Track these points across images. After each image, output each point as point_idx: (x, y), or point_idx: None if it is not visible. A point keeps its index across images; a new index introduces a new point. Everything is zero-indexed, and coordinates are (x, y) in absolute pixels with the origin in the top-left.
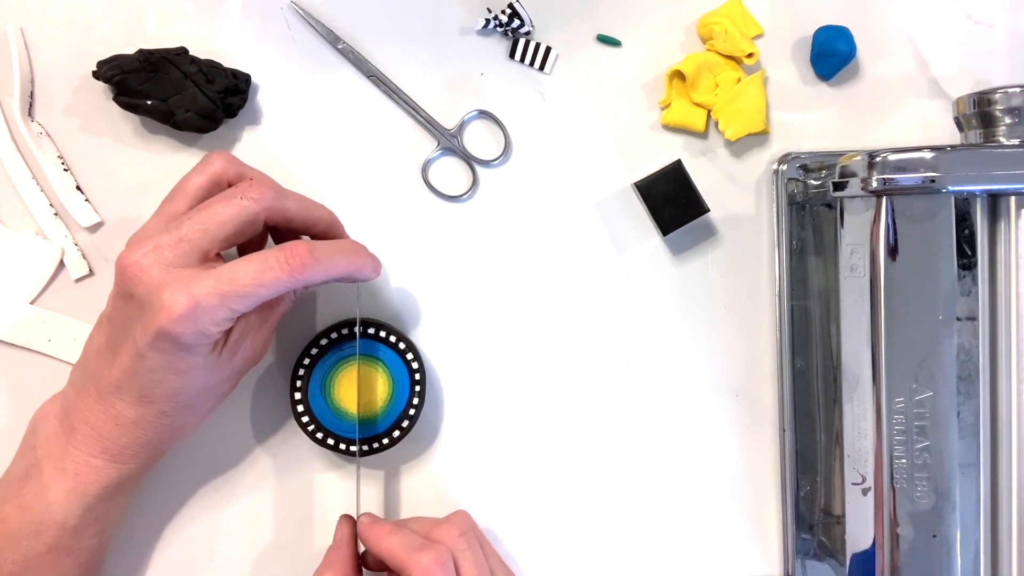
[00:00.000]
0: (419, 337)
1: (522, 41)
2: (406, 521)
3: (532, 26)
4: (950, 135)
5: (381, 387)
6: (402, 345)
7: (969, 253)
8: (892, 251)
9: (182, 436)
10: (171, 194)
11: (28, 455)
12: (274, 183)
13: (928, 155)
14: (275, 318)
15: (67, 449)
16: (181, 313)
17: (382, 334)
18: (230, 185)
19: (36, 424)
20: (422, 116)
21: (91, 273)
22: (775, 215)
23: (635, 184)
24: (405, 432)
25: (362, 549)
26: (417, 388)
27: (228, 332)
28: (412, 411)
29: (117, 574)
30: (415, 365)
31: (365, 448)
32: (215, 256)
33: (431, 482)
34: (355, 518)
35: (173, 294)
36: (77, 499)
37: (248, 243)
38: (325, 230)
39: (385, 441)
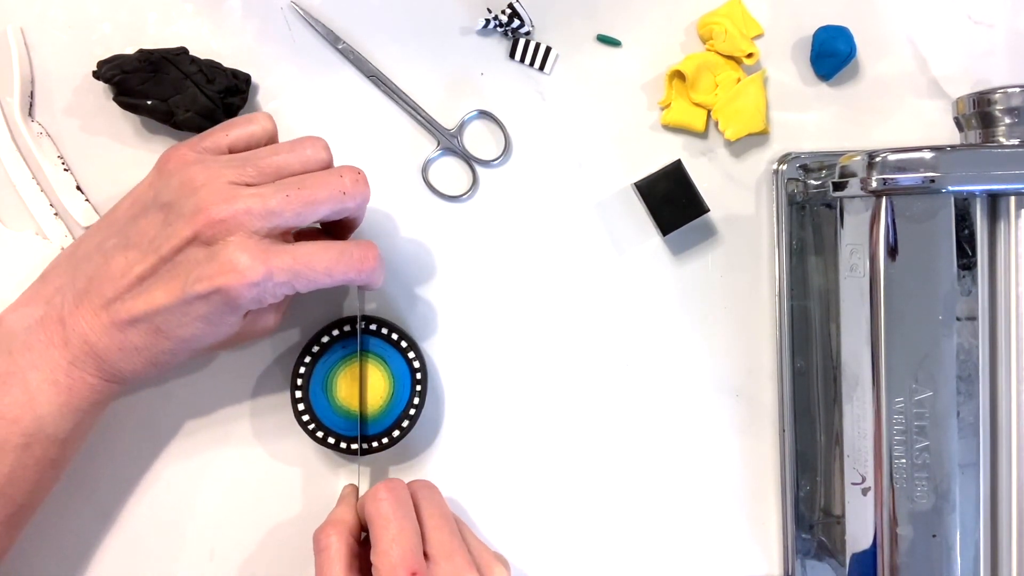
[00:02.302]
0: (419, 336)
1: (522, 41)
2: None
3: (532, 26)
4: (950, 135)
5: (382, 385)
6: (404, 343)
7: (969, 253)
8: (892, 251)
9: (174, 369)
10: (258, 160)
11: (2, 361)
12: (366, 181)
13: (928, 155)
14: (290, 301)
15: (59, 363)
16: (253, 280)
17: (384, 331)
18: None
19: (12, 329)
20: (422, 116)
21: None
22: (775, 215)
23: (635, 184)
24: (406, 431)
25: None
26: (418, 387)
27: None
28: (413, 410)
29: (116, 574)
30: (416, 364)
31: (365, 447)
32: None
33: (431, 480)
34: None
35: (252, 260)
36: (71, 414)
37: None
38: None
39: (385, 440)
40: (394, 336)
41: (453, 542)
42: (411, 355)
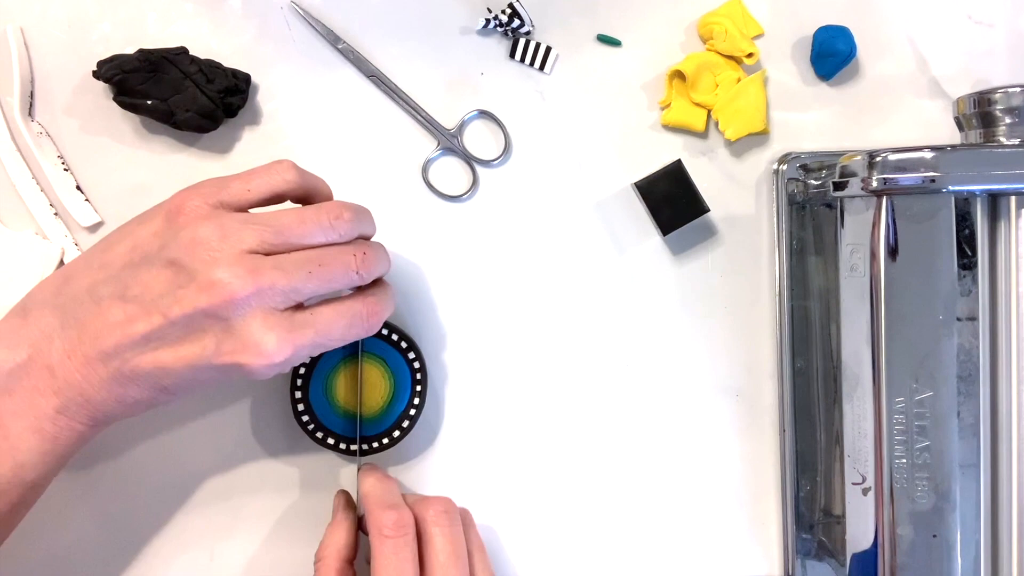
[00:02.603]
0: (419, 336)
1: (522, 41)
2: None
3: (532, 26)
4: (950, 135)
5: (382, 386)
6: (404, 344)
7: (969, 253)
8: (892, 251)
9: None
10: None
11: None
12: (378, 252)
13: (928, 155)
14: None
15: (46, 411)
16: (280, 360)
17: (384, 331)
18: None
19: None
20: (422, 116)
21: None
22: (775, 215)
23: (635, 184)
24: (406, 432)
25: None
26: (418, 388)
27: None
28: (413, 411)
29: (116, 574)
30: (416, 364)
31: (365, 447)
32: None
33: (431, 481)
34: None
35: (279, 341)
36: (54, 460)
37: None
38: None
39: (385, 441)
40: (394, 337)
41: None
42: (411, 355)
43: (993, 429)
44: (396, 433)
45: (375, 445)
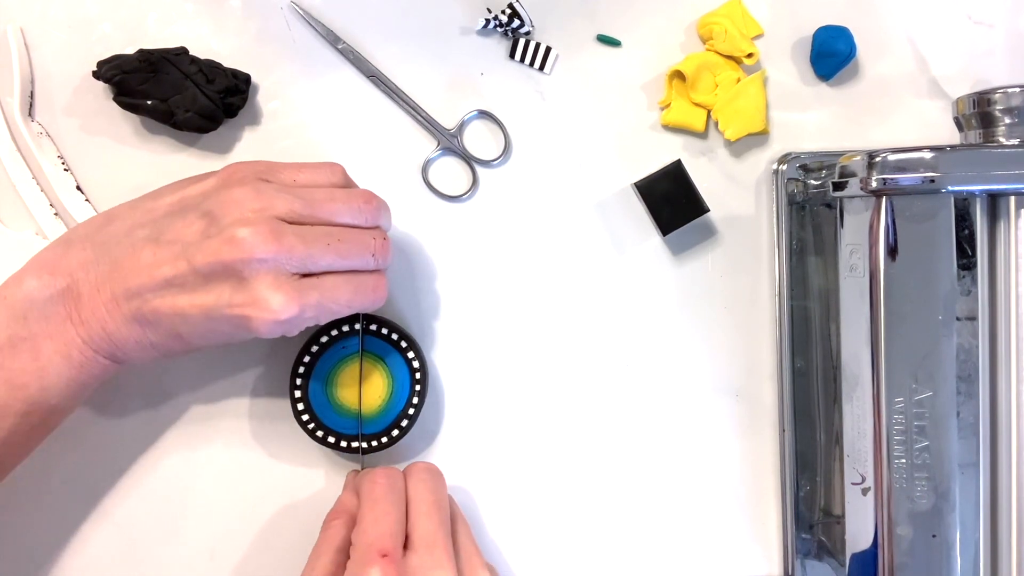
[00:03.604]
0: (419, 336)
1: (522, 41)
2: None
3: (532, 26)
4: (950, 135)
5: (382, 385)
6: (404, 343)
7: (969, 253)
8: (892, 251)
9: (176, 358)
10: (313, 198)
11: (15, 325)
12: (390, 244)
13: (928, 155)
14: None
15: (75, 339)
16: (285, 318)
17: (384, 331)
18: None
19: (32, 295)
20: (422, 116)
21: None
22: (775, 215)
23: (635, 184)
24: (405, 430)
25: None
26: (418, 387)
27: None
28: (412, 410)
29: (117, 574)
30: (416, 363)
31: (365, 446)
32: None
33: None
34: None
35: (286, 300)
36: (77, 388)
37: None
38: None
39: (385, 440)
40: (394, 336)
41: (438, 533)
42: (410, 355)
43: (993, 429)
44: (395, 432)
45: (375, 444)
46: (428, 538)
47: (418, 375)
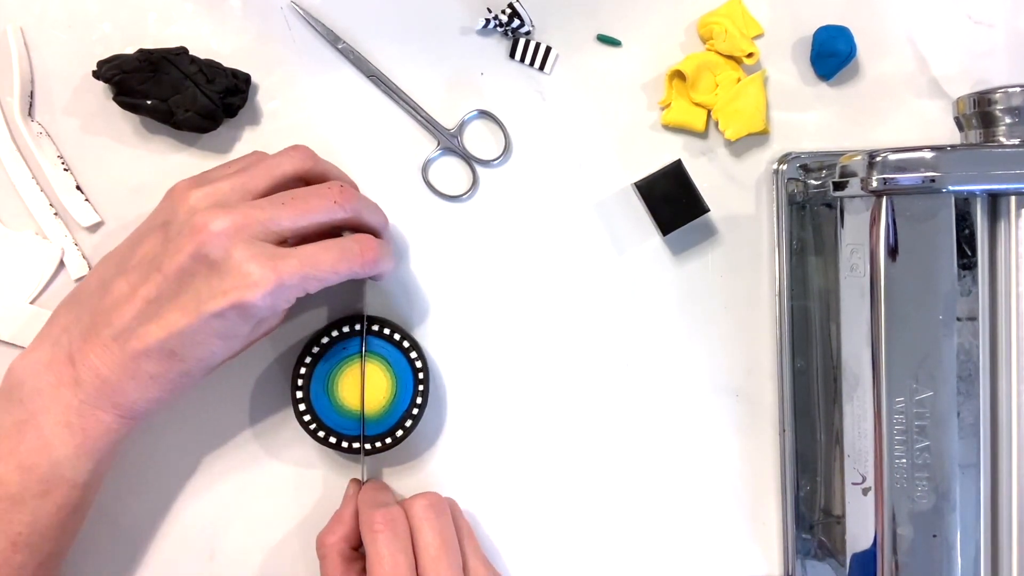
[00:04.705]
0: (419, 336)
1: (522, 41)
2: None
3: (532, 26)
4: (950, 135)
5: (385, 385)
6: (406, 343)
7: (969, 253)
8: (892, 251)
9: (186, 391)
10: (251, 167)
11: (14, 410)
12: (358, 192)
13: (928, 155)
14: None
15: (72, 403)
16: (268, 289)
17: (386, 331)
18: (307, 182)
19: (21, 377)
20: (422, 116)
21: None
22: (775, 215)
23: (635, 184)
24: (409, 431)
25: None
26: (421, 387)
27: None
28: (416, 410)
29: (116, 574)
30: (419, 364)
31: (368, 447)
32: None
33: (432, 480)
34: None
35: (262, 268)
36: (87, 455)
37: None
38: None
39: (389, 440)
40: (396, 336)
41: None
42: (413, 355)
43: (993, 429)
44: (399, 432)
45: (378, 445)
46: None
47: (421, 375)
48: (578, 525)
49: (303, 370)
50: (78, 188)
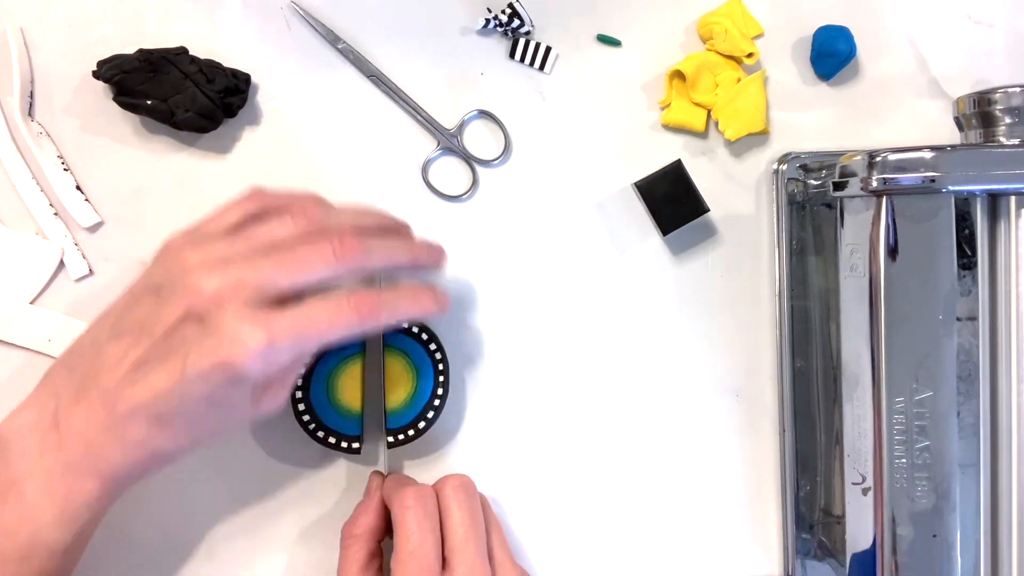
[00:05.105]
0: None
1: (522, 41)
2: None
3: (532, 26)
4: (950, 135)
5: (406, 378)
6: (424, 335)
7: (969, 253)
8: (892, 251)
9: (171, 464)
10: (251, 232)
11: (1, 472)
12: (369, 241)
13: (928, 155)
14: (297, 373)
15: (55, 469)
16: (258, 350)
17: (404, 325)
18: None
19: (7, 437)
20: (422, 116)
21: (91, 273)
22: (775, 215)
23: (635, 184)
24: (431, 422)
25: None
26: (441, 378)
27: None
28: (437, 400)
29: (117, 574)
30: (439, 355)
31: (391, 440)
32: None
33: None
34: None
35: (252, 329)
36: (68, 523)
37: None
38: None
39: (412, 432)
40: (414, 329)
41: (476, 560)
42: (432, 346)
43: (993, 429)
44: (422, 424)
45: (400, 437)
46: (467, 565)
47: (441, 366)
48: (577, 524)
49: (302, 370)
50: (78, 188)
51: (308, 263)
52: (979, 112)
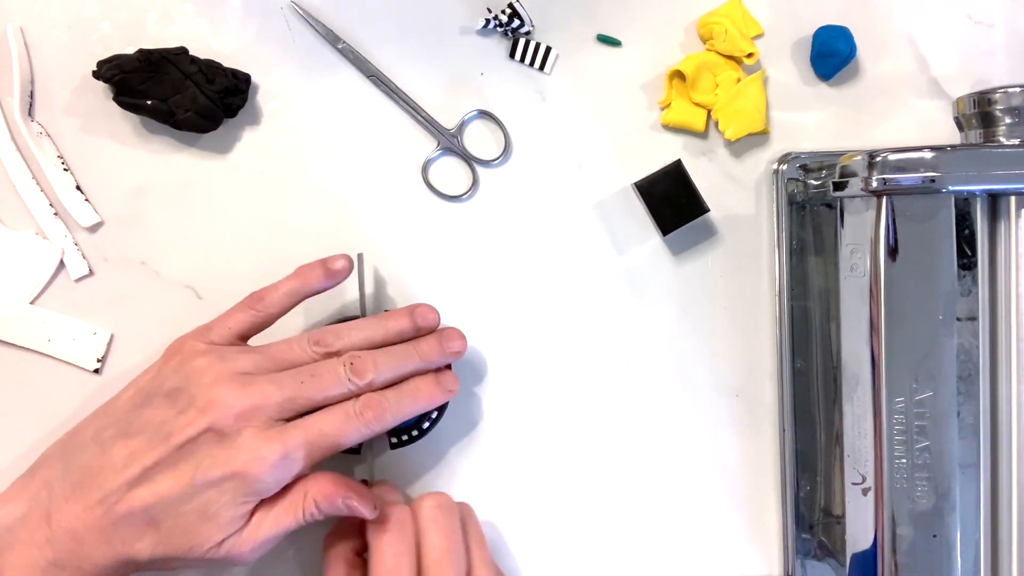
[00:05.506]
0: None
1: (522, 41)
2: None
3: (532, 26)
4: (950, 135)
5: None
6: None
7: (969, 253)
8: (892, 251)
9: (140, 571)
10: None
11: None
12: (380, 355)
13: (928, 155)
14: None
15: (39, 563)
16: (272, 462)
17: None
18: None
19: None
20: (422, 116)
21: (91, 273)
22: (775, 215)
23: (635, 184)
24: (435, 422)
25: None
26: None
27: (254, 511)
28: (435, 411)
29: None
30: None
31: (395, 440)
32: None
33: (431, 482)
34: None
35: (268, 443)
36: None
37: None
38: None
39: (415, 433)
40: None
41: None
42: None
43: (993, 429)
44: (426, 424)
45: (404, 438)
46: None
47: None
48: (578, 524)
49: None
50: (78, 188)
51: (324, 384)
52: (979, 112)
